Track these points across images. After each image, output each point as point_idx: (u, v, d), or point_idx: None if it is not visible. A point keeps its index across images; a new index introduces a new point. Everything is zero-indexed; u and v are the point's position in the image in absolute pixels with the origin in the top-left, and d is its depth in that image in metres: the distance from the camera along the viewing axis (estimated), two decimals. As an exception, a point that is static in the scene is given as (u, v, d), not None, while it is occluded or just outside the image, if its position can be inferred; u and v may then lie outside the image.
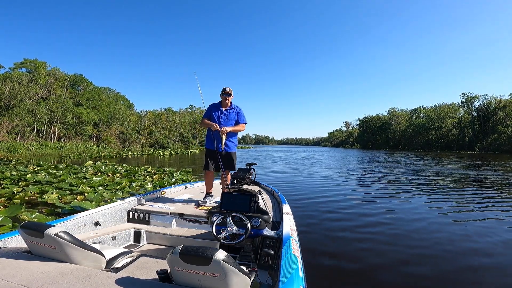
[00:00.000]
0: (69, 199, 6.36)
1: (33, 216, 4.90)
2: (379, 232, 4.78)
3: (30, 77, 40.16)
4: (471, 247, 4.15)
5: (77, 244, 1.70)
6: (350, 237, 4.49)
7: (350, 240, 4.38)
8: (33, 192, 7.00)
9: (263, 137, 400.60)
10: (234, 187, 3.34)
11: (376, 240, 4.37)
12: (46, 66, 46.33)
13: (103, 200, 6.40)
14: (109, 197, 6.62)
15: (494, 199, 7.76)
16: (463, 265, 3.55)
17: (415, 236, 4.62)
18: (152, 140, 58.11)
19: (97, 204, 5.90)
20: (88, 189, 7.31)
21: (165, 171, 12.64)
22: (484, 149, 64.19)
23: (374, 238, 4.48)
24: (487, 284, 3.08)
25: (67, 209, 5.46)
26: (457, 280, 3.15)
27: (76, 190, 7.26)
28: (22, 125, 34.85)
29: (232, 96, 4.01)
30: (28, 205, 5.99)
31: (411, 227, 5.09)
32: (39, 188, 7.34)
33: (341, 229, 4.89)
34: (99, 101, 50.31)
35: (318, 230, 4.84)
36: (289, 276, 1.63)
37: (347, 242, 4.28)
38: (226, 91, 3.92)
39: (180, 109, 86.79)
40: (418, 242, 4.36)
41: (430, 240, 4.40)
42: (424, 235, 4.66)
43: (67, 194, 6.91)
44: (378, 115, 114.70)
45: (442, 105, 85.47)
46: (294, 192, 8.37)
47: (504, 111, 66.06)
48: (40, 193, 6.95)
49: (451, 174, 14.56)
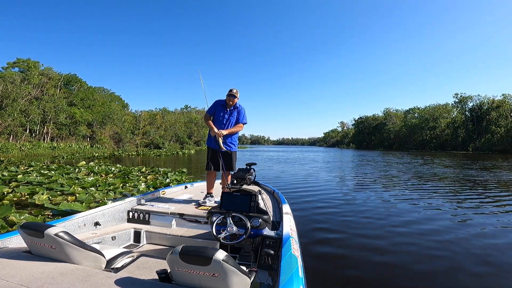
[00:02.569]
0: (59, 200, 6.26)
1: (22, 218, 4.82)
2: (379, 231, 4.79)
3: (23, 77, 39.70)
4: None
5: (77, 244, 1.70)
6: (350, 237, 4.49)
7: (350, 240, 4.38)
8: (23, 193, 6.90)
9: (259, 137, 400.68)
10: (234, 187, 3.35)
11: (376, 240, 4.38)
12: (39, 65, 45.87)
13: (94, 201, 6.33)
14: (101, 198, 6.55)
15: (483, 196, 7.86)
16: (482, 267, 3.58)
17: (415, 235, 4.63)
18: (147, 140, 57.75)
19: (87, 205, 5.83)
20: (79, 190, 7.22)
21: (159, 172, 12.56)
22: (477, 149, 64.94)
23: (374, 238, 4.49)
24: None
25: (56, 210, 5.38)
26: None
27: (67, 191, 7.16)
28: (14, 125, 34.39)
29: (238, 99, 3.98)
30: (17, 206, 5.88)
31: (411, 226, 5.10)
32: (29, 189, 7.23)
33: (341, 229, 4.89)
34: (93, 101, 49.86)
35: (318, 230, 4.84)
36: (289, 276, 1.64)
37: (347, 242, 4.28)
38: (232, 93, 3.87)
39: (176, 109, 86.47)
40: (419, 241, 4.36)
41: (436, 240, 4.39)
42: (427, 236, 4.62)
43: (57, 195, 6.81)
44: (373, 115, 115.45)
45: (436, 106, 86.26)
46: (293, 192, 8.37)
47: (497, 111, 66.94)
48: (31, 194, 6.85)
49: (443, 174, 14.71)
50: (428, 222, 5.42)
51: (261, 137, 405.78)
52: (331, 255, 3.79)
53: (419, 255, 3.84)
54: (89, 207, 5.74)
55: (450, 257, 3.76)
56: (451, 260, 3.69)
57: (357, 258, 3.70)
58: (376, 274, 3.26)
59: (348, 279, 3.15)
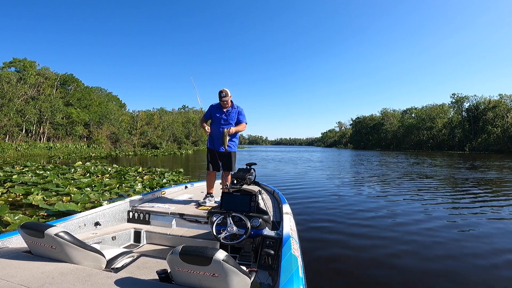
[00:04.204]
0: (54, 200, 6.23)
1: (16, 218, 4.80)
2: (379, 231, 4.80)
3: (19, 77, 39.39)
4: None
5: (77, 244, 1.70)
6: (350, 237, 4.50)
7: (350, 239, 4.38)
8: (18, 193, 6.86)
9: (256, 137, 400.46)
10: (234, 187, 3.35)
11: (376, 239, 4.39)
12: (36, 65, 45.53)
13: (90, 201, 6.29)
14: (96, 199, 6.51)
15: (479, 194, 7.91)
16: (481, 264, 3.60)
17: (415, 234, 4.66)
18: (145, 140, 57.53)
19: (82, 206, 5.80)
20: (75, 190, 7.17)
21: (156, 172, 12.52)
22: (474, 149, 65.28)
23: (374, 237, 4.50)
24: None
25: (51, 211, 5.35)
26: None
27: (63, 191, 7.12)
28: (10, 125, 34.09)
29: (230, 96, 3.93)
30: (12, 206, 5.85)
31: (411, 226, 5.12)
32: (24, 189, 7.19)
33: (341, 229, 4.89)
34: (90, 101, 49.59)
35: (318, 229, 4.85)
36: (289, 276, 1.64)
37: (347, 242, 4.28)
38: (223, 95, 3.85)
39: (173, 109, 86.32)
40: (420, 240, 4.37)
41: (438, 241, 4.38)
42: (429, 237, 4.63)
43: (52, 195, 6.77)
44: (371, 115, 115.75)
45: (432, 106, 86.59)
46: (292, 191, 8.36)
47: (493, 112, 67.31)
48: (25, 194, 6.81)
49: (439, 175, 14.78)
50: (429, 220, 5.45)
51: (259, 137, 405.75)
52: (331, 255, 3.79)
53: (419, 255, 3.83)
54: (85, 207, 5.71)
55: (452, 257, 3.76)
56: (456, 260, 3.70)
57: (357, 258, 3.70)
58: (376, 274, 3.26)
59: (349, 279, 3.15)
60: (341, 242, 4.29)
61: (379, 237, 4.50)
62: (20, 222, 4.63)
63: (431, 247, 4.09)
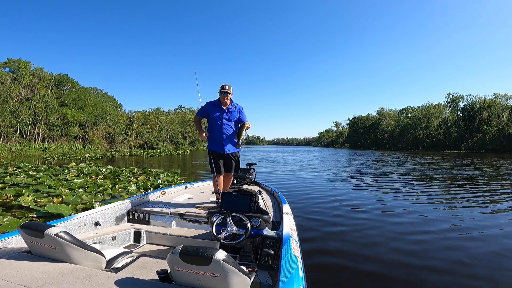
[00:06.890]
0: (45, 201, 6.13)
1: (5, 220, 4.71)
2: (379, 231, 4.78)
3: (13, 77, 39.06)
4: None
5: (77, 244, 1.70)
6: (350, 237, 4.47)
7: (350, 239, 4.35)
8: (9, 194, 6.74)
9: (254, 137, 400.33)
10: (234, 187, 3.32)
11: (376, 239, 4.36)
12: (30, 65, 45.13)
13: (82, 202, 6.19)
14: (88, 200, 6.41)
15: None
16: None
17: (415, 233, 4.64)
18: (141, 141, 57.28)
19: (74, 207, 5.70)
20: (66, 192, 7.07)
21: (151, 173, 12.41)
22: (469, 148, 65.78)
23: (374, 237, 4.47)
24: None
25: (41, 212, 5.26)
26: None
27: (54, 193, 7.01)
28: (4, 126, 33.81)
29: (232, 94, 3.70)
30: (2, 208, 5.74)
31: (411, 225, 5.10)
32: (15, 190, 7.07)
33: (340, 229, 4.87)
34: (85, 102, 49.32)
35: (318, 229, 4.82)
36: (289, 276, 1.64)
37: (347, 242, 4.25)
38: (225, 89, 3.59)
39: (170, 110, 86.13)
40: (420, 239, 4.35)
41: (439, 242, 4.33)
42: (429, 234, 4.63)
43: (43, 196, 6.67)
44: (367, 115, 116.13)
45: (428, 105, 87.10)
46: (291, 191, 8.30)
47: (488, 111, 67.89)
48: (16, 195, 6.70)
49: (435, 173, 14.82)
50: (428, 219, 5.44)
51: (256, 137, 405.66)
52: (331, 255, 3.75)
53: (420, 254, 3.80)
54: (76, 209, 5.62)
55: (452, 257, 3.74)
56: (457, 256, 3.70)
57: (358, 257, 3.67)
58: (376, 274, 3.23)
59: (349, 279, 3.13)
60: (341, 242, 4.26)
61: (379, 237, 4.47)
62: (8, 225, 4.54)
63: (431, 245, 4.09)
